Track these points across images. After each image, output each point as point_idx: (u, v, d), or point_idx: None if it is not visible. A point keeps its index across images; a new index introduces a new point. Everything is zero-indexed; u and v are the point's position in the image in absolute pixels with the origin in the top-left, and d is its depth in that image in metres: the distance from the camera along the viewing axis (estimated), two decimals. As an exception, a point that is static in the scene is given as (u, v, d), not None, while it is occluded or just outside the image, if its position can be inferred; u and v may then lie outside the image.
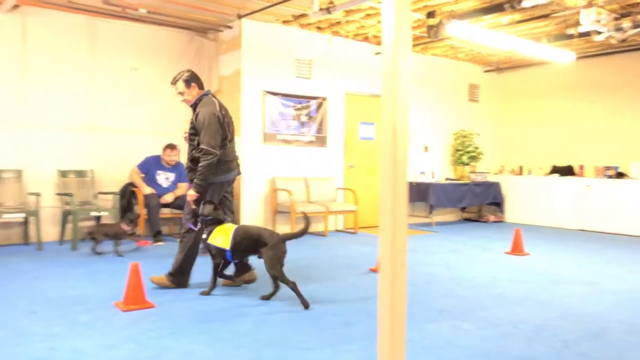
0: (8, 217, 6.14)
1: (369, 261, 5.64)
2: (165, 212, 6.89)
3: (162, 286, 4.29)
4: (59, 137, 6.85)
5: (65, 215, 6.57)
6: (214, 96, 4.42)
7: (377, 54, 8.59)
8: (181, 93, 4.34)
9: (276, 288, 4.05)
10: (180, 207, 6.12)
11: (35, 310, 3.65)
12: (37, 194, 6.31)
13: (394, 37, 2.06)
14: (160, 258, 5.55)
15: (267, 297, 4.04)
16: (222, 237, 4.08)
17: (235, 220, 7.12)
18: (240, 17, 7.22)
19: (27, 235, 6.55)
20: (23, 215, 6.21)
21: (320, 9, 6.32)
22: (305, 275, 5.04)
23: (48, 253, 5.93)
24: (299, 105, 7.95)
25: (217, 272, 4.17)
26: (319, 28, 7.89)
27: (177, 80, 4.33)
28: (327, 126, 8.27)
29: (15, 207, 6.35)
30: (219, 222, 4.19)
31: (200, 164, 4.15)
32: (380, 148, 2.10)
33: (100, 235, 5.78)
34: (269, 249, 3.92)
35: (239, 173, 4.58)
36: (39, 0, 6.49)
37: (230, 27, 7.62)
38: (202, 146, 4.15)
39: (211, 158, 4.13)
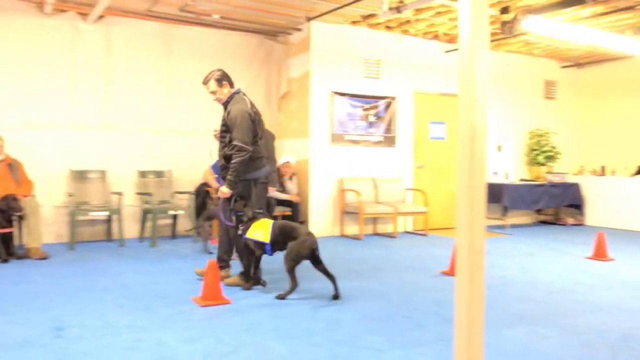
0: (94, 214, 6.54)
1: (441, 264, 5.54)
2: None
3: (235, 286, 4.42)
4: (138, 140, 7.22)
5: (145, 214, 6.90)
6: (245, 94, 4.50)
7: (447, 52, 8.42)
8: (213, 92, 4.40)
9: (333, 282, 4.09)
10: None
11: (122, 304, 3.87)
12: (120, 194, 6.68)
13: (470, 35, 2.02)
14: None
15: (336, 296, 4.07)
16: (261, 231, 4.16)
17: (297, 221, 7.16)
18: (309, 19, 7.30)
19: (110, 232, 6.95)
20: (107, 213, 6.59)
21: (390, 9, 6.27)
22: (375, 275, 5.02)
23: (129, 249, 6.26)
24: (367, 106, 7.94)
25: (258, 265, 4.32)
26: (388, 27, 7.84)
27: (209, 80, 4.38)
28: (396, 126, 8.20)
29: (100, 205, 6.75)
30: (253, 218, 4.26)
31: (233, 161, 4.22)
32: (457, 148, 2.06)
33: (206, 225, 6.10)
34: (295, 242, 4.03)
35: (269, 170, 4.64)
36: (121, 10, 6.88)
37: (299, 30, 7.72)
38: (235, 143, 4.22)
39: (244, 155, 4.20)
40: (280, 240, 4.13)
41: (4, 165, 5.82)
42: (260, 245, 4.18)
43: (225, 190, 4.29)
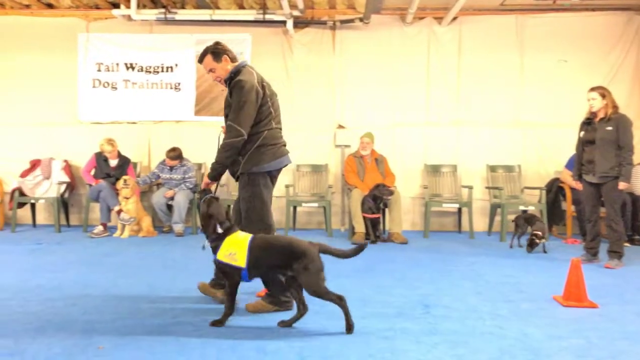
0: (446, 206, 6.93)
1: None
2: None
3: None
4: (488, 134, 7.27)
5: (494, 208, 6.92)
6: (252, 68, 3.54)
7: None
8: (212, 70, 3.52)
9: (304, 310, 3.11)
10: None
11: (480, 292, 3.97)
12: (470, 187, 6.87)
13: None
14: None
15: (288, 323, 3.11)
16: (235, 251, 3.08)
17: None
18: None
19: (460, 223, 7.21)
20: (457, 205, 6.88)
21: None
22: None
23: (478, 242, 6.38)
24: None
25: (234, 295, 3.15)
26: None
27: (204, 56, 3.53)
28: None
29: (451, 198, 7.10)
30: (228, 229, 3.17)
31: (222, 142, 3.40)
32: None
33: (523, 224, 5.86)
34: (308, 262, 2.97)
35: (289, 161, 3.60)
36: (474, 9, 7.05)
37: (682, -3, 6.46)
38: (228, 122, 3.38)
39: (235, 136, 3.33)
40: (268, 262, 3.08)
41: (372, 160, 6.73)
42: (236, 270, 3.09)
43: (206, 179, 3.43)
